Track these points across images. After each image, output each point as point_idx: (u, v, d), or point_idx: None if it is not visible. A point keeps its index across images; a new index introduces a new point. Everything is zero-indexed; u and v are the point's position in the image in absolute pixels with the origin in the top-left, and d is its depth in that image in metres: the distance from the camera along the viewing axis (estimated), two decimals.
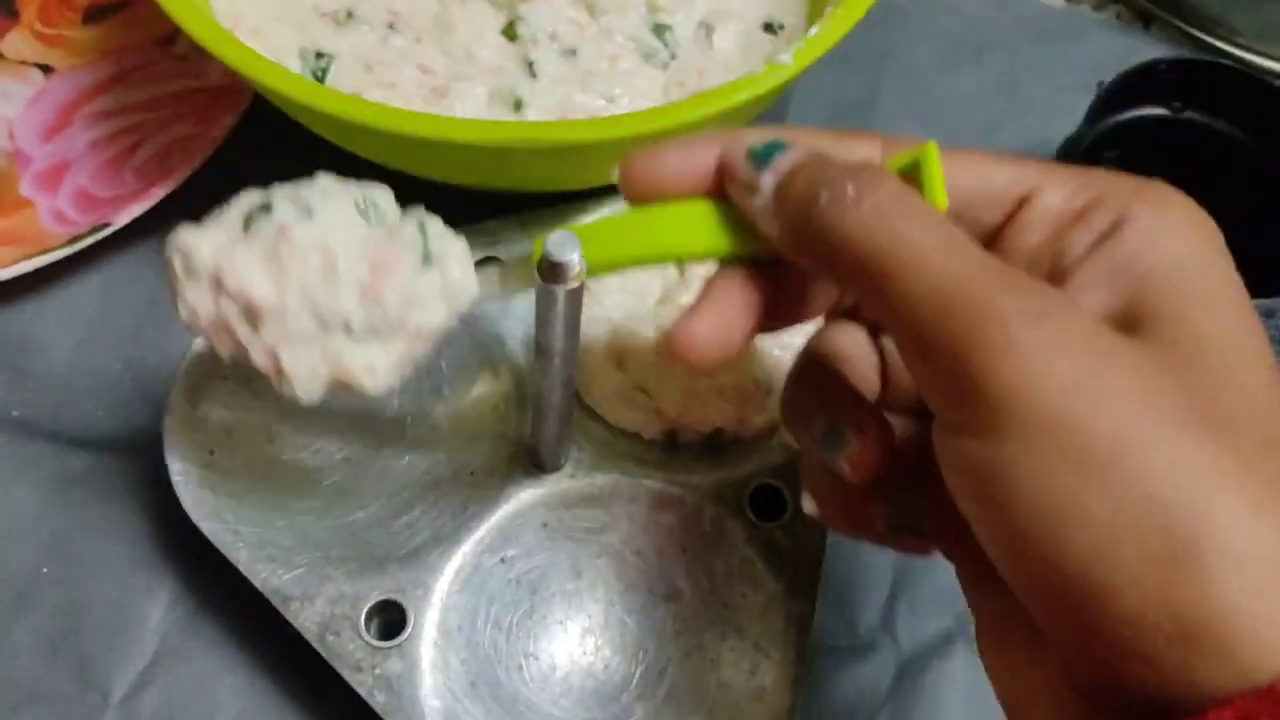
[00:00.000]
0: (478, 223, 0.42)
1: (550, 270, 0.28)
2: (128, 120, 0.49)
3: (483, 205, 0.43)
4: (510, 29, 0.46)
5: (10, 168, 0.48)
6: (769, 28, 0.47)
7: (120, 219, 0.44)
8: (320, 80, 0.45)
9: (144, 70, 0.51)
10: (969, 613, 0.39)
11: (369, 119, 0.38)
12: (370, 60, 0.46)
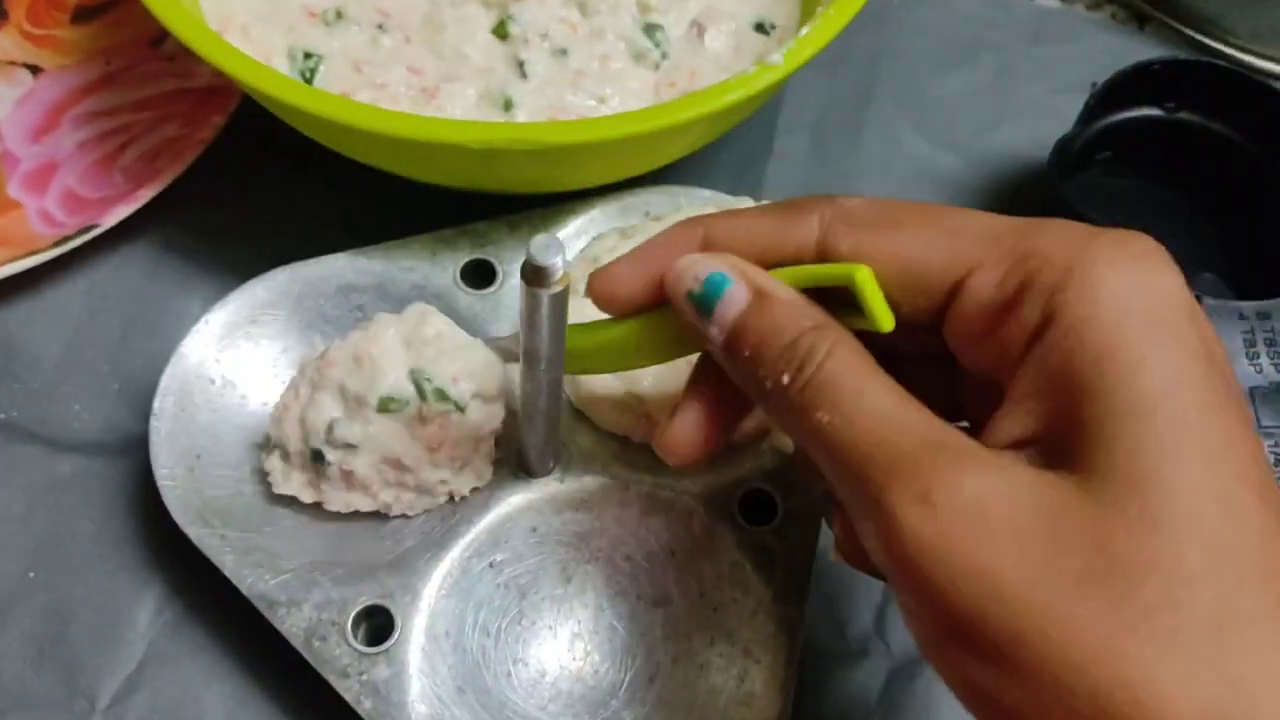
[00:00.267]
0: (467, 224, 0.42)
1: (534, 274, 0.28)
2: (116, 121, 0.49)
3: (472, 206, 0.43)
4: (501, 28, 0.46)
5: None
6: (761, 28, 0.47)
7: (108, 220, 0.44)
8: (309, 81, 0.44)
9: (133, 71, 0.51)
10: None
11: (354, 120, 0.37)
12: (359, 61, 0.45)
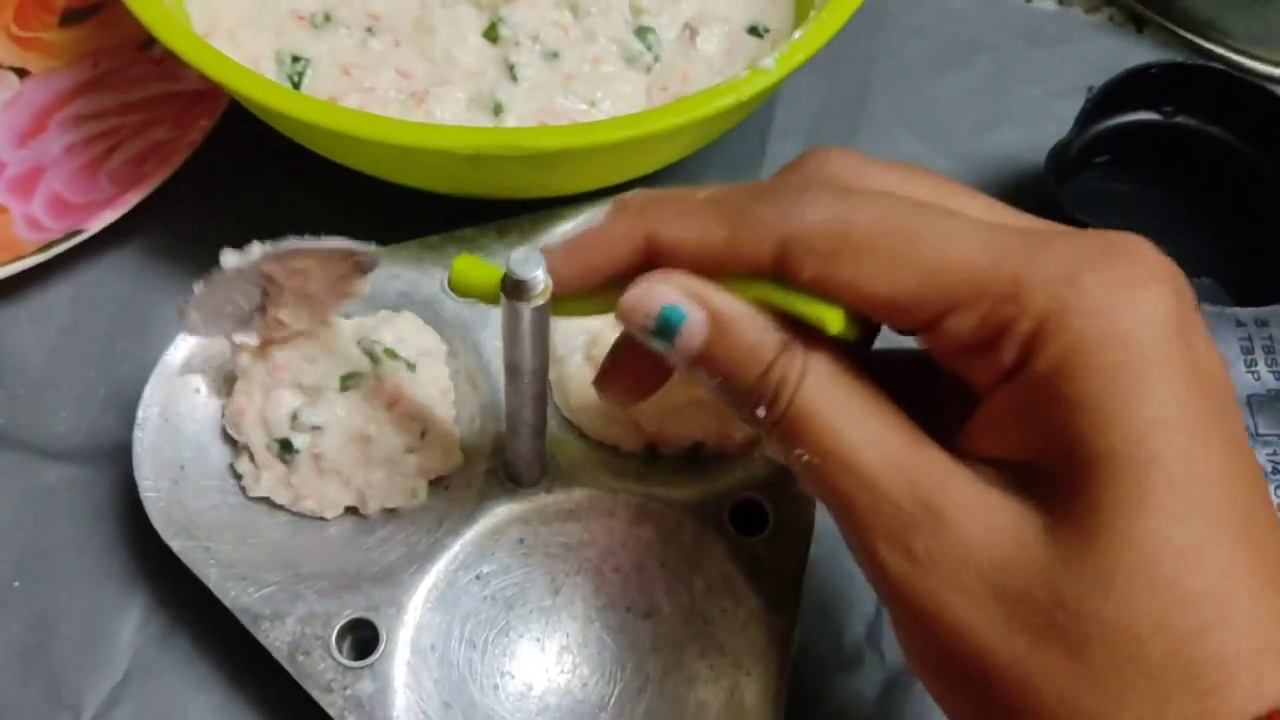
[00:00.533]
0: (455, 229, 0.42)
1: (514, 288, 0.27)
2: (104, 125, 0.48)
3: (461, 211, 0.42)
4: (492, 30, 0.46)
5: None
6: (754, 31, 0.47)
7: (94, 225, 0.44)
8: (296, 85, 0.44)
9: (121, 74, 0.50)
10: None
11: (339, 125, 0.37)
12: (348, 64, 0.45)
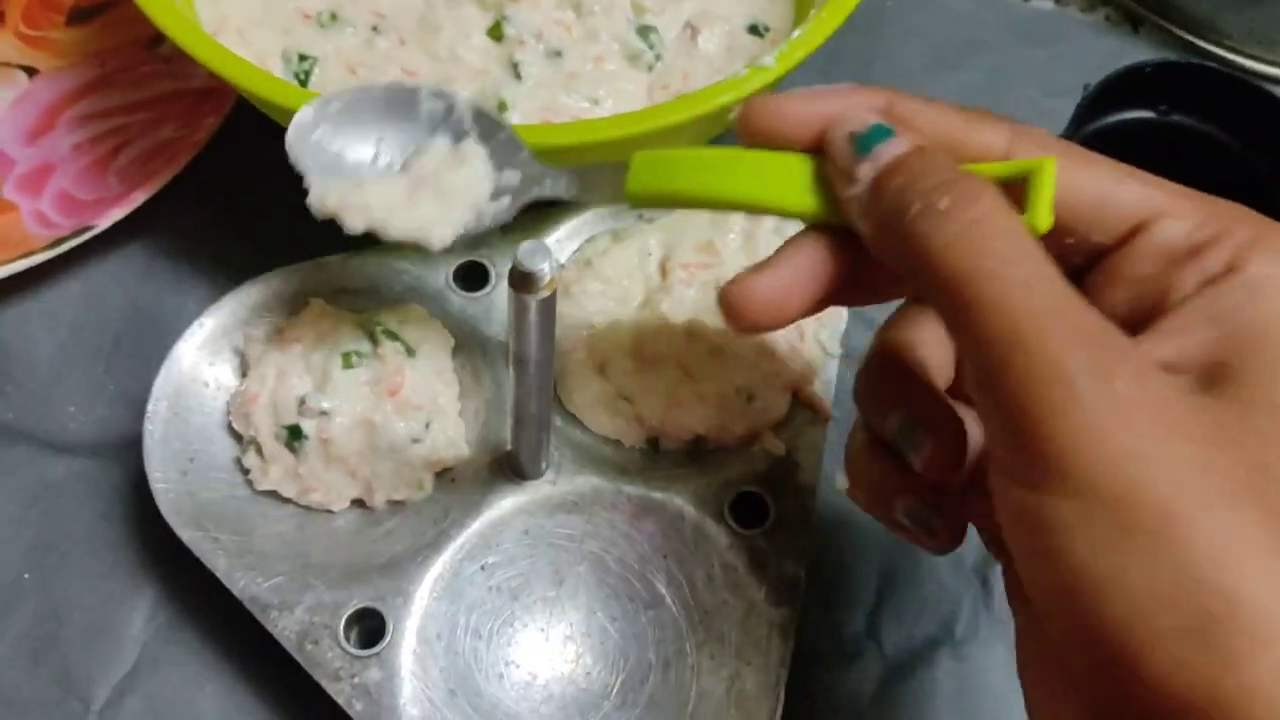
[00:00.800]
0: None
1: (521, 280, 0.28)
2: (111, 123, 0.49)
3: None
4: (496, 29, 0.46)
5: None
6: (754, 30, 0.47)
7: (102, 222, 0.44)
8: (304, 83, 0.45)
9: (128, 72, 0.51)
10: (954, 620, 0.40)
11: None
12: (354, 63, 0.45)
